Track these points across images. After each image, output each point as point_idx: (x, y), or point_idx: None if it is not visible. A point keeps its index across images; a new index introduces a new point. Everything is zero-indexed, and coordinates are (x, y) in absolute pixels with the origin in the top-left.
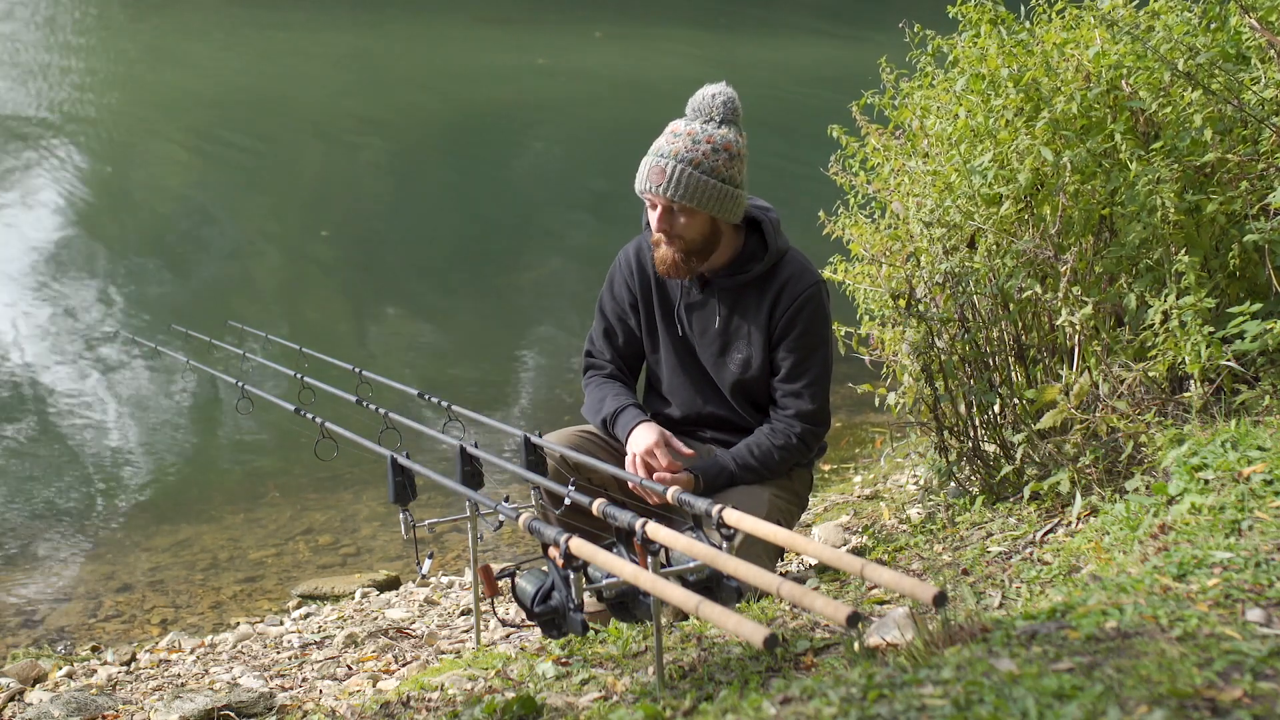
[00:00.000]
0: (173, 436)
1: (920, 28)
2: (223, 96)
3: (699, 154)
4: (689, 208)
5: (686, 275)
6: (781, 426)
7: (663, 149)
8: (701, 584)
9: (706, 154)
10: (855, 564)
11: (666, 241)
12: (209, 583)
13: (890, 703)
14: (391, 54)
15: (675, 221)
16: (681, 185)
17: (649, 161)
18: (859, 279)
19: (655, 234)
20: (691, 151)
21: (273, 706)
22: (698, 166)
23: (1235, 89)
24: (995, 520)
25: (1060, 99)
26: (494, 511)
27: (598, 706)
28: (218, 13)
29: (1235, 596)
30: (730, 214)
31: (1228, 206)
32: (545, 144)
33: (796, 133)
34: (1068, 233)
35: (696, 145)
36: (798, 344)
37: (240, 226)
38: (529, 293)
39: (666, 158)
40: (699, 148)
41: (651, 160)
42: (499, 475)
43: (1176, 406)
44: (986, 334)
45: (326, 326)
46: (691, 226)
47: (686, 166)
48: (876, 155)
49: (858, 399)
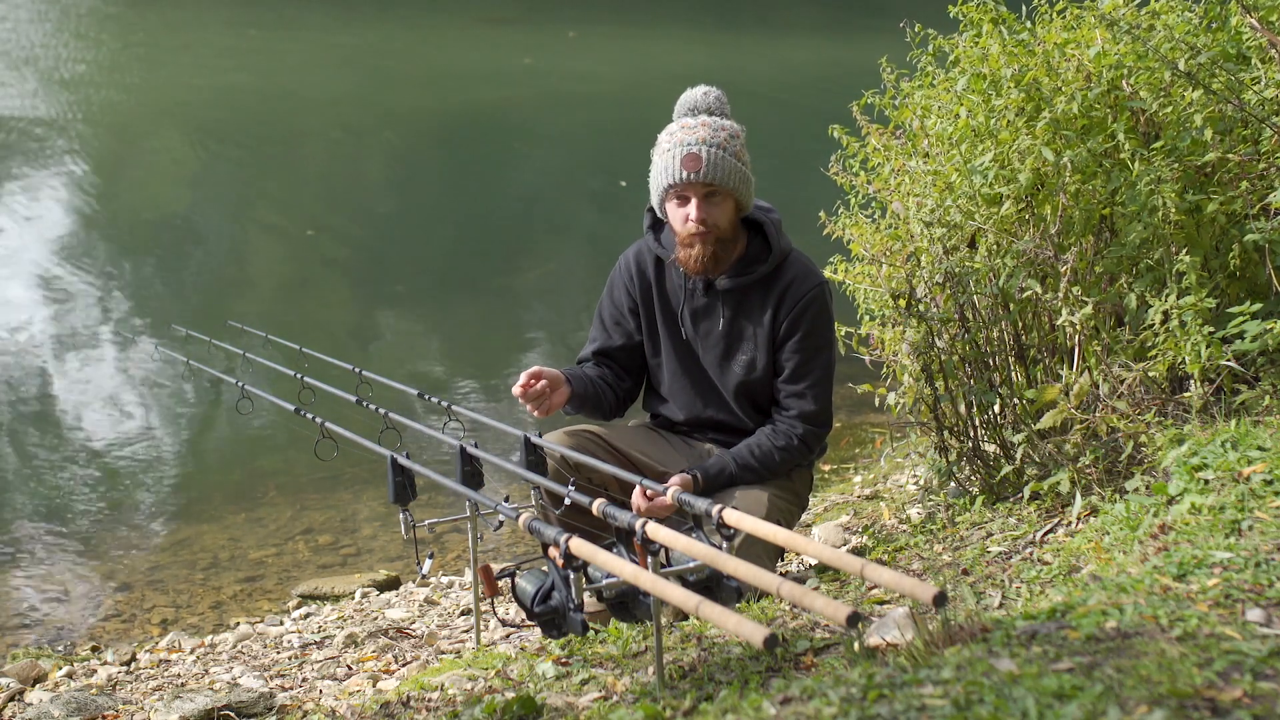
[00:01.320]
0: (173, 436)
1: (921, 27)
2: (223, 96)
3: (723, 138)
4: (725, 190)
5: (718, 271)
6: (784, 427)
7: (687, 140)
8: (701, 584)
9: (727, 140)
10: (855, 564)
11: (702, 236)
12: (209, 583)
13: (890, 703)
14: (392, 54)
15: (712, 209)
16: (718, 168)
17: (676, 153)
18: (859, 279)
19: (691, 228)
20: (716, 135)
21: (273, 706)
22: (725, 149)
23: (1236, 89)
24: (995, 520)
25: (1061, 99)
26: (494, 511)
27: (598, 706)
28: (218, 13)
29: (1235, 596)
30: (749, 200)
31: (1228, 206)
32: (546, 144)
33: (796, 133)
34: (1068, 233)
35: (718, 131)
36: (801, 345)
37: (240, 226)
38: (529, 292)
39: (696, 145)
40: (720, 134)
41: (679, 151)
42: (499, 475)
43: (1176, 406)
44: (986, 334)
45: (326, 326)
46: (725, 213)
47: (717, 150)
48: (877, 155)
49: (858, 399)
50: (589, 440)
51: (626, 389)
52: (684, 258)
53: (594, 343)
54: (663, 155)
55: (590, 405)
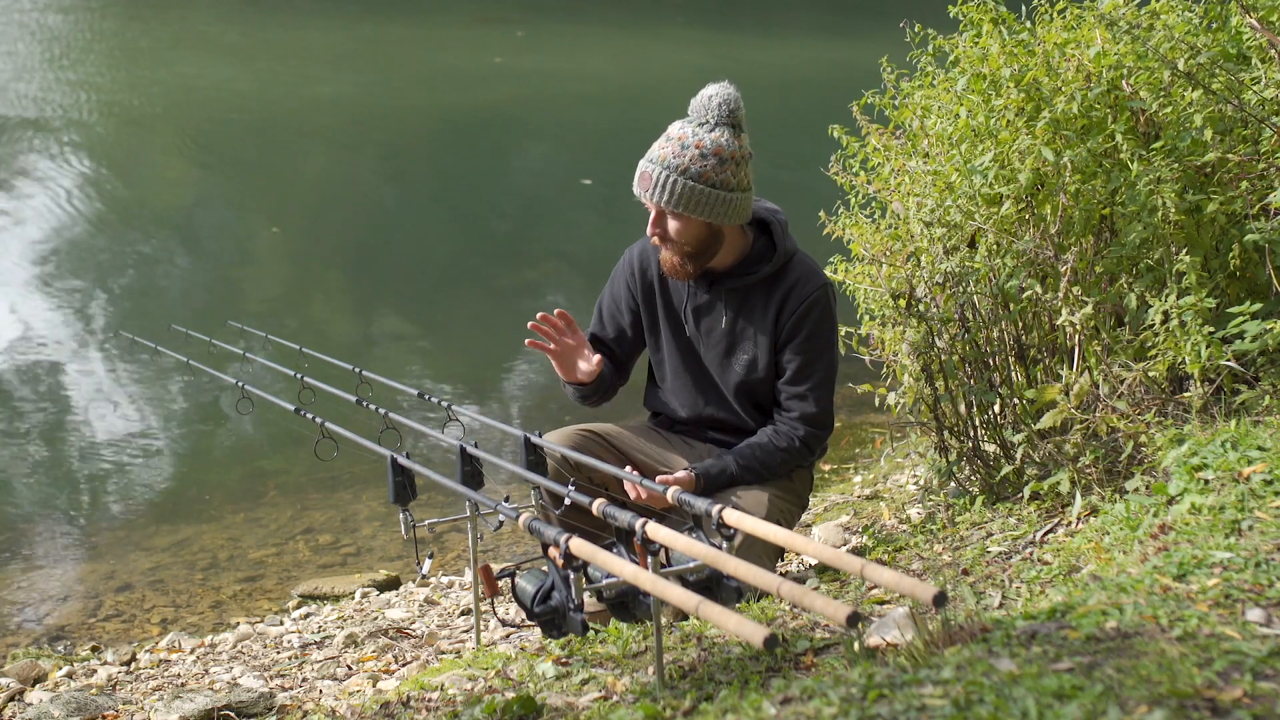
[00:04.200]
0: (173, 436)
1: (921, 27)
2: (223, 97)
3: (685, 160)
4: (678, 213)
5: (688, 277)
6: (785, 429)
7: (652, 154)
8: (701, 584)
9: (694, 159)
10: (855, 564)
11: (663, 245)
12: (209, 582)
13: (890, 703)
14: (392, 54)
15: (666, 226)
16: (667, 191)
17: (640, 166)
18: (859, 279)
19: (650, 237)
20: (679, 157)
21: (273, 706)
22: (684, 173)
23: (1236, 89)
24: (995, 520)
25: (1061, 99)
26: (494, 511)
27: (598, 706)
28: (217, 14)
29: (1235, 596)
30: (727, 218)
31: (1228, 206)
32: (546, 144)
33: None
34: (1068, 233)
35: (685, 151)
36: (804, 346)
37: (240, 226)
38: (529, 292)
39: (655, 164)
40: (686, 153)
41: (642, 165)
42: (499, 475)
43: (1176, 406)
44: (986, 334)
45: (326, 326)
46: (684, 231)
47: (673, 173)
48: (877, 155)
49: (858, 399)
50: (589, 440)
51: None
52: (662, 259)
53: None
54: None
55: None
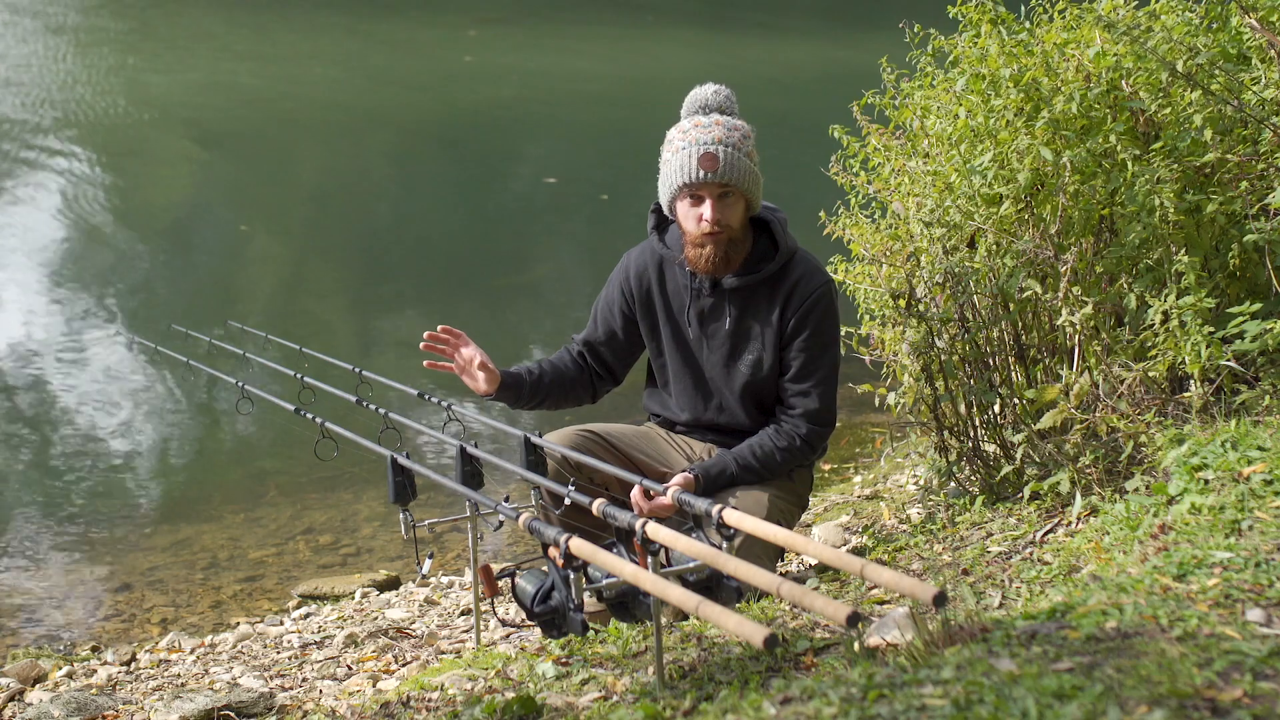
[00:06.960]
0: (173, 436)
1: (920, 28)
2: (223, 97)
3: (736, 138)
4: (739, 190)
5: (726, 271)
6: (788, 427)
7: (703, 139)
8: (701, 584)
9: (740, 140)
10: (855, 564)
11: (714, 236)
12: (209, 582)
13: (890, 703)
14: (392, 54)
15: (726, 210)
16: (734, 168)
17: (692, 152)
18: (859, 279)
19: (705, 228)
20: (730, 135)
21: (273, 706)
22: (739, 149)
23: (1235, 89)
24: (995, 520)
25: (1060, 99)
26: (494, 511)
27: (598, 706)
28: (217, 14)
29: (1235, 596)
30: (759, 200)
31: (1228, 206)
32: (547, 144)
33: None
34: (1068, 233)
35: (732, 131)
36: (808, 344)
37: (240, 226)
38: (529, 293)
39: (713, 144)
40: (734, 133)
41: (696, 150)
42: (499, 475)
43: (1176, 406)
44: (986, 334)
45: (326, 327)
46: (736, 214)
47: (732, 150)
48: (877, 155)
49: (858, 399)
50: (589, 440)
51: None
52: (693, 257)
53: (583, 333)
54: (676, 154)
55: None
